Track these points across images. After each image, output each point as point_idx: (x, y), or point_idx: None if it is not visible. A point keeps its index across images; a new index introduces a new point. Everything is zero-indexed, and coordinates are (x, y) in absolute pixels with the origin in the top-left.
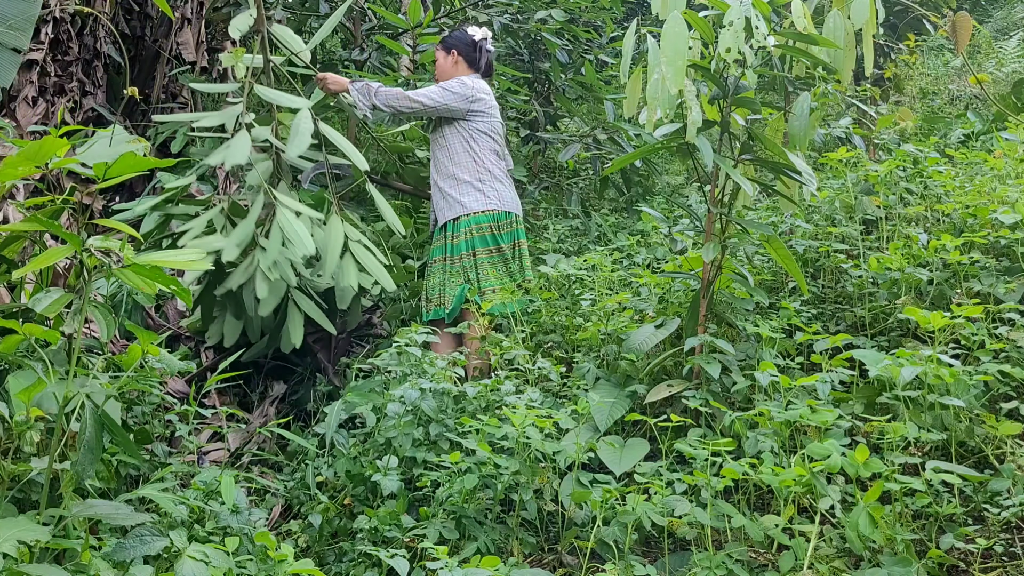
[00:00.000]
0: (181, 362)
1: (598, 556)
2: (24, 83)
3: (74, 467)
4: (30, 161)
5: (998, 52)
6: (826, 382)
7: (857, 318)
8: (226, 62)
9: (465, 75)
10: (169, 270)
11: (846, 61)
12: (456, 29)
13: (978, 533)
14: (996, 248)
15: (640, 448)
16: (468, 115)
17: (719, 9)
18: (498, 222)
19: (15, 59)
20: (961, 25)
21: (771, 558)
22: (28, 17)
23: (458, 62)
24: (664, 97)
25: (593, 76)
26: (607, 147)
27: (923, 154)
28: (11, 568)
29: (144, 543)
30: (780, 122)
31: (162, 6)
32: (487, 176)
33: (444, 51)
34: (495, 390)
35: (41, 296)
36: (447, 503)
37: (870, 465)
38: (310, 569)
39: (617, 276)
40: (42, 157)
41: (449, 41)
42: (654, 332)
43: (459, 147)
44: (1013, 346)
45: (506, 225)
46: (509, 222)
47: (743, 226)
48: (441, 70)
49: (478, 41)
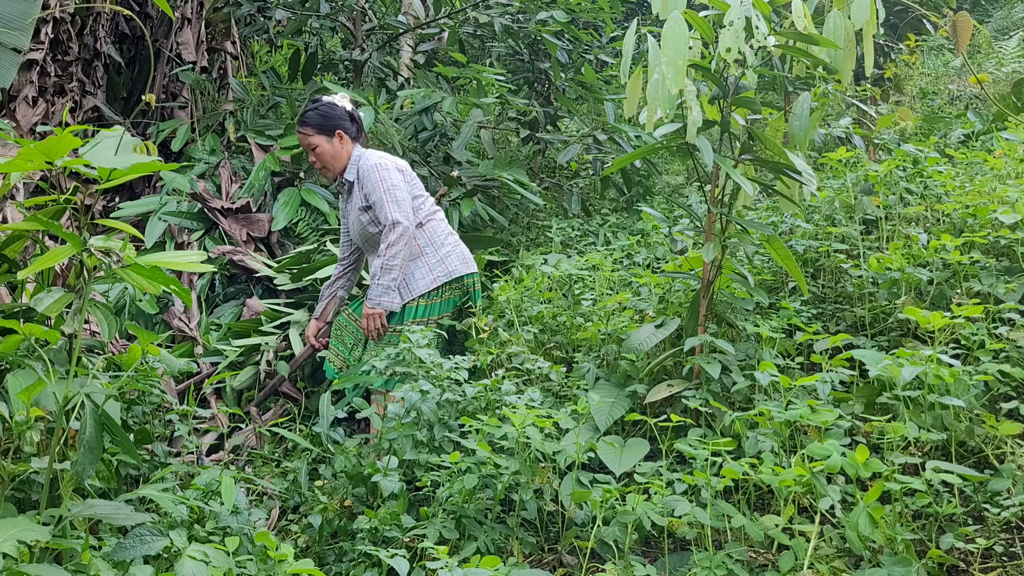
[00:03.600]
0: (181, 361)
1: (598, 556)
2: (24, 83)
3: (74, 467)
4: (41, 157)
5: (998, 52)
6: (826, 382)
7: (857, 318)
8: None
9: (351, 150)
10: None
11: (846, 61)
12: (312, 107)
13: (978, 533)
14: (996, 248)
15: (640, 448)
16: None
17: (719, 9)
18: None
19: (15, 59)
20: (961, 25)
21: (771, 558)
22: (28, 17)
23: (344, 140)
24: (664, 97)
25: (592, 77)
26: (607, 147)
27: (923, 154)
28: (11, 568)
29: (144, 543)
30: (780, 122)
31: (162, 6)
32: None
33: (326, 136)
34: (495, 390)
35: (42, 296)
36: (447, 503)
37: (870, 465)
38: (310, 569)
39: (617, 276)
40: (54, 154)
41: (327, 123)
42: (654, 332)
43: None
44: (1013, 346)
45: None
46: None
47: (743, 226)
48: (332, 157)
49: (351, 110)
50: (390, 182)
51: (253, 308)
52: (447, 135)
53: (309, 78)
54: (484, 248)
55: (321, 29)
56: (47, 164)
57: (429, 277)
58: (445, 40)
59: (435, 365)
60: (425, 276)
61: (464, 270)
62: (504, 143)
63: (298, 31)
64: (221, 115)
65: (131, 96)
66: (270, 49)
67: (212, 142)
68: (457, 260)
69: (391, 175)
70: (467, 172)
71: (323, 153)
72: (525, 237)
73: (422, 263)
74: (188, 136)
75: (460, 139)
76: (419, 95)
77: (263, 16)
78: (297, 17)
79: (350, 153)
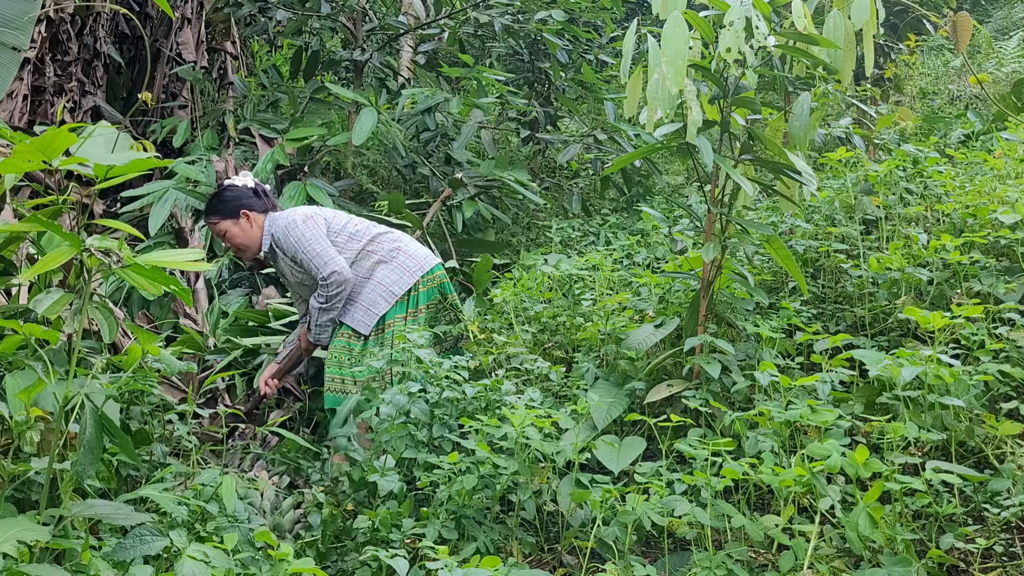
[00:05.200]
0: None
1: (598, 556)
2: (23, 82)
3: (74, 467)
4: (38, 155)
5: (998, 52)
6: (826, 382)
7: (857, 318)
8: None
9: (262, 223)
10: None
11: (846, 61)
12: (213, 195)
13: (978, 533)
14: (996, 248)
15: (637, 446)
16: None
17: (719, 9)
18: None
19: (15, 58)
20: (961, 25)
21: (771, 558)
22: (28, 16)
23: (252, 218)
24: (664, 97)
25: (592, 76)
26: (607, 147)
27: (923, 154)
28: (11, 568)
29: (144, 543)
30: (780, 122)
31: (163, 6)
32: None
33: (232, 219)
34: (495, 390)
35: (42, 297)
36: (447, 503)
37: (870, 465)
38: (310, 568)
39: (617, 276)
40: (52, 151)
41: (229, 207)
42: (654, 332)
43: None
44: (1013, 346)
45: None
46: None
47: (743, 226)
48: (244, 238)
49: (253, 186)
50: (305, 239)
51: (268, 296)
52: (448, 135)
53: (310, 77)
54: (485, 252)
55: (321, 29)
56: (44, 164)
57: (406, 275)
58: (445, 40)
59: (434, 364)
60: (402, 275)
61: (433, 261)
62: (504, 143)
63: (298, 31)
64: (221, 113)
65: (131, 96)
66: (270, 49)
67: (211, 138)
68: (424, 254)
69: (302, 230)
70: (468, 173)
71: (234, 236)
72: (525, 237)
73: (395, 264)
74: (188, 134)
75: (461, 139)
76: (422, 95)
77: (263, 16)
78: (297, 17)
79: (262, 228)
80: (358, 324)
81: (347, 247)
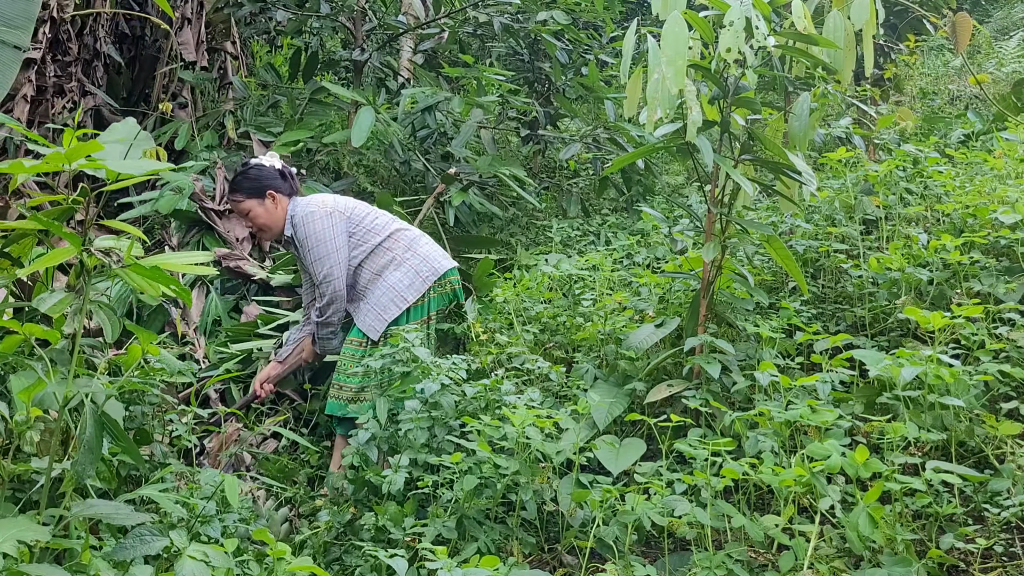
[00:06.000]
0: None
1: (598, 556)
2: (23, 81)
3: (74, 467)
4: (64, 161)
5: (998, 52)
6: (826, 382)
7: (857, 318)
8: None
9: (286, 207)
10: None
11: (846, 61)
12: (240, 171)
13: (978, 533)
14: (996, 248)
15: (637, 448)
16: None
17: (719, 9)
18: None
19: (16, 57)
20: (961, 25)
21: (771, 558)
22: (28, 16)
23: (277, 199)
24: (664, 97)
25: (595, 77)
26: (607, 147)
27: (923, 154)
28: (11, 568)
29: (144, 543)
30: (780, 122)
31: (163, 5)
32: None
33: (257, 199)
34: (495, 390)
35: (44, 296)
36: (449, 504)
37: (870, 465)
38: (310, 567)
39: (617, 276)
40: (76, 158)
41: (257, 186)
42: (654, 332)
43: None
44: (1013, 346)
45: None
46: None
47: (743, 226)
48: (267, 219)
49: (280, 167)
50: (316, 234)
51: (250, 315)
52: (446, 134)
53: (310, 78)
54: (479, 249)
55: (321, 29)
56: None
57: (418, 280)
58: (445, 39)
59: (434, 364)
60: (414, 280)
61: (448, 264)
62: (504, 143)
63: (298, 31)
64: (221, 113)
65: (131, 96)
66: (270, 49)
67: (211, 138)
68: (440, 257)
69: (318, 225)
70: (464, 168)
71: (257, 216)
72: (525, 237)
73: (407, 267)
74: (190, 136)
75: (460, 138)
76: (422, 94)
77: (264, 16)
78: (297, 17)
79: (286, 210)
80: (368, 329)
81: (365, 240)
